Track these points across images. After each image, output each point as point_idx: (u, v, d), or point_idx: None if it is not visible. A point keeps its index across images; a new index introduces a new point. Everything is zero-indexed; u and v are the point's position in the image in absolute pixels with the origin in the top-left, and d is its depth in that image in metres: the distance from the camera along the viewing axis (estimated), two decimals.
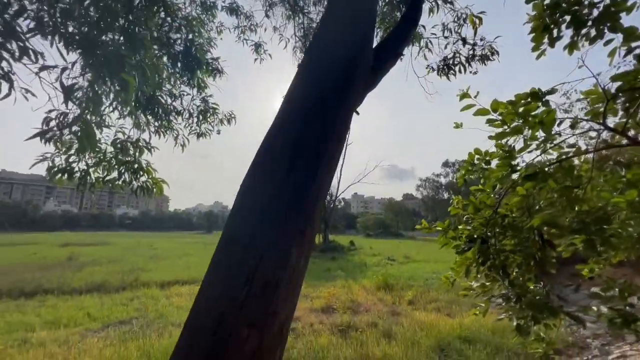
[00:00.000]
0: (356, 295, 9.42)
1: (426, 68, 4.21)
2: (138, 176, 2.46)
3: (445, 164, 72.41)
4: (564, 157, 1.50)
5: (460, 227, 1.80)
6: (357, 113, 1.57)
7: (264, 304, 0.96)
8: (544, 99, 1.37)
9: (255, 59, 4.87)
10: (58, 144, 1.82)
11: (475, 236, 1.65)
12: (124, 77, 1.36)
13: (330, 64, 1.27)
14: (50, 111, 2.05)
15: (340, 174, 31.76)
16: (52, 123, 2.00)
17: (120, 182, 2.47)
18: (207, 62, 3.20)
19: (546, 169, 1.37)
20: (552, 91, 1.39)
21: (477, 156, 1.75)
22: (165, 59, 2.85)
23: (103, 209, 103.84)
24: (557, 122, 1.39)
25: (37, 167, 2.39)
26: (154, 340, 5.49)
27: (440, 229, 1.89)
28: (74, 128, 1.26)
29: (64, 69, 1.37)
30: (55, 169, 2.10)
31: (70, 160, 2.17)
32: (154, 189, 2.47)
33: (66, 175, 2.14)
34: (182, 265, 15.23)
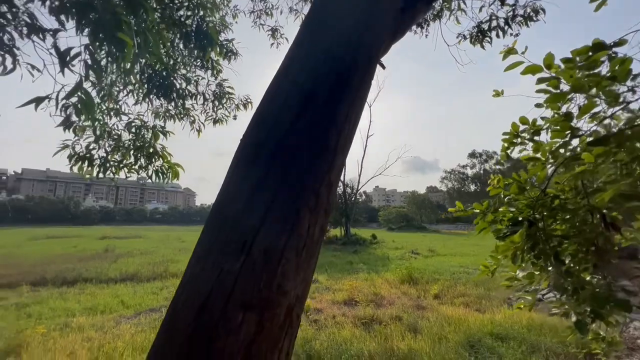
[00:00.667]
0: (379, 288, 9.24)
1: (457, 37, 3.85)
2: (153, 160, 2.44)
3: (472, 155, 69.49)
4: None
5: (501, 209, 1.57)
6: (383, 67, 1.37)
7: (266, 279, 0.74)
8: (611, 53, 1.11)
9: (272, 44, 4.76)
10: (77, 130, 1.83)
11: (521, 219, 1.42)
12: (120, 36, 1.27)
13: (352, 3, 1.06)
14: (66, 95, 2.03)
15: (361, 167, 31.39)
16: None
17: (136, 167, 2.46)
18: (220, 43, 3.10)
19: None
20: (621, 42, 1.12)
21: (523, 126, 1.49)
22: (177, 38, 2.78)
23: (135, 205, 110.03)
24: (630, 76, 1.12)
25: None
26: None
27: (478, 210, 1.66)
28: (73, 99, 1.21)
29: (56, 30, 1.31)
30: (76, 156, 2.13)
31: (90, 147, 2.19)
32: (169, 173, 2.44)
33: (86, 162, 2.17)
34: None
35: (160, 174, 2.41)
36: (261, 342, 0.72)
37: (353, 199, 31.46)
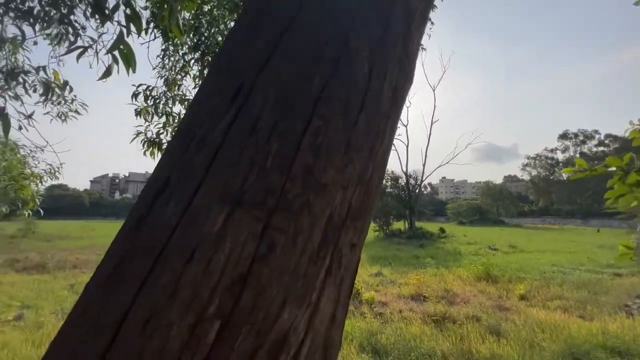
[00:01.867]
0: (450, 284, 8.43)
1: None
2: None
3: (564, 136, 59.10)
4: None
5: None
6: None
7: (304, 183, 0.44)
8: None
9: None
10: (145, 115, 1.98)
11: None
12: None
13: None
14: (138, 85, 2.17)
15: (425, 156, 29.26)
16: (140, 97, 2.11)
17: None
18: None
19: None
20: None
21: None
22: None
23: None
24: None
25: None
26: None
27: (615, 167, 1.18)
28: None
29: None
30: (148, 141, 2.33)
31: (160, 132, 2.37)
32: None
33: (157, 147, 2.36)
34: None
35: None
36: None
37: (417, 190, 29.67)
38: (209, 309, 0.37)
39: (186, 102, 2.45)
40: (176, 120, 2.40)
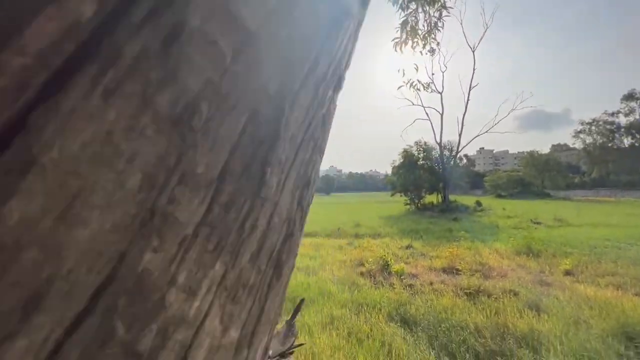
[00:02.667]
0: (486, 258, 8.06)
1: None
2: None
3: (629, 97, 51.86)
4: None
5: None
6: None
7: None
8: None
9: None
10: None
11: None
12: None
13: None
14: None
15: (462, 125, 27.33)
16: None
17: None
18: None
19: None
20: None
21: None
22: None
23: None
24: None
25: None
26: None
27: None
28: None
29: None
30: None
31: None
32: None
33: None
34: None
35: None
36: None
37: (452, 162, 28.17)
38: None
39: None
40: None
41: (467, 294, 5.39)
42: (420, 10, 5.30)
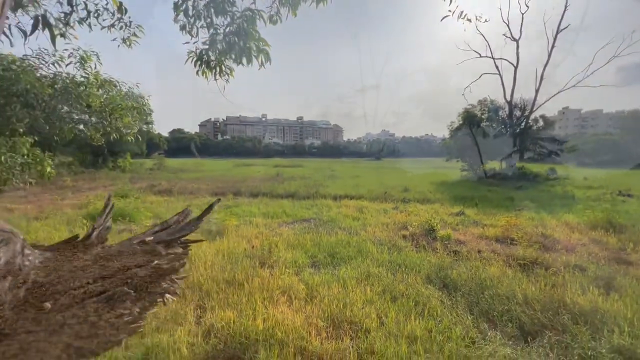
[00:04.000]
0: (552, 230, 7.19)
1: None
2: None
3: None
4: None
5: None
6: None
7: None
8: None
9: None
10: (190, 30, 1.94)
11: None
12: None
13: None
14: None
15: (541, 79, 23.10)
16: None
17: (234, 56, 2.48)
18: None
19: None
20: None
21: None
22: None
23: (297, 141, 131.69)
24: None
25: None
26: (323, 236, 6.47)
27: None
28: None
29: None
30: (199, 61, 2.35)
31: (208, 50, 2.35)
32: (260, 56, 2.34)
33: (206, 66, 2.38)
34: (351, 184, 17.01)
35: (247, 56, 2.36)
36: None
37: (523, 123, 24.54)
38: None
39: (229, 13, 2.30)
40: (219, 32, 2.32)
41: (521, 265, 4.95)
42: None
